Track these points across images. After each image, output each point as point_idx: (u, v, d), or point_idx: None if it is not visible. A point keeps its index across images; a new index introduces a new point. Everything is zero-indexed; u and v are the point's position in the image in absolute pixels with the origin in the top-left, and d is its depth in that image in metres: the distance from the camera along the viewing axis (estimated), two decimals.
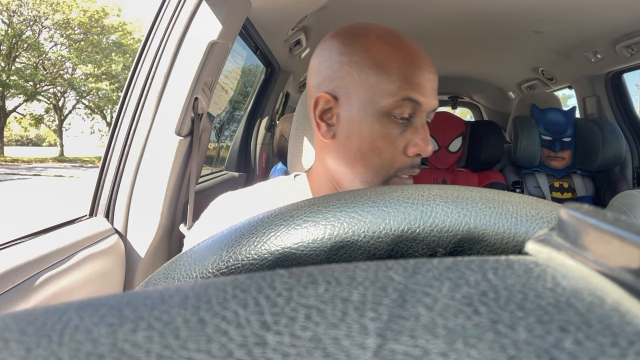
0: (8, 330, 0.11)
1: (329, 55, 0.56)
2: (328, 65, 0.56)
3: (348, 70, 0.54)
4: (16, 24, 17.10)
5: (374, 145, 0.54)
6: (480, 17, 1.62)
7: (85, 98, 20.40)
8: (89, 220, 0.92)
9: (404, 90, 0.52)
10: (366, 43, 0.54)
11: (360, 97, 0.54)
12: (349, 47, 0.55)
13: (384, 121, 0.53)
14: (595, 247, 0.13)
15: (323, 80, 0.56)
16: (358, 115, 0.54)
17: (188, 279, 0.24)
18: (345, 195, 0.26)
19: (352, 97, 0.54)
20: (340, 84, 0.55)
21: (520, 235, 0.23)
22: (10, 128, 27.77)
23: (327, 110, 0.56)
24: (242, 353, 0.10)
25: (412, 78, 0.53)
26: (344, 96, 0.55)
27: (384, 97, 0.53)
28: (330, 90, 0.55)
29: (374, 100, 0.53)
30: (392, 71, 0.53)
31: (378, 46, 0.54)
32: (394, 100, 0.52)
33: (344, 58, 0.54)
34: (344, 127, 0.55)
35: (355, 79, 0.54)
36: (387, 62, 0.53)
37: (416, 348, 0.10)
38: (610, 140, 1.62)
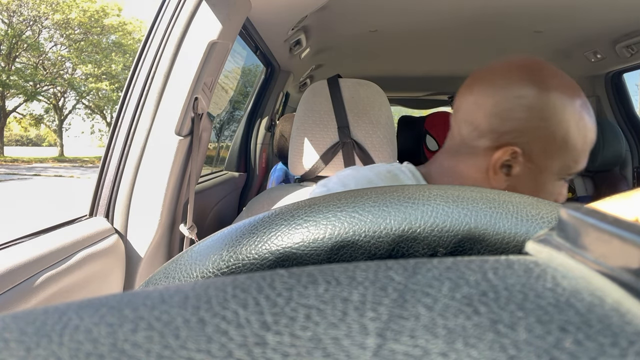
0: (8, 330, 0.11)
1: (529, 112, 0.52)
2: (524, 118, 0.52)
3: (551, 136, 0.52)
4: (16, 24, 17.10)
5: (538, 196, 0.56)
6: (480, 17, 1.62)
7: (85, 98, 20.41)
8: (88, 220, 0.92)
9: (584, 163, 0.55)
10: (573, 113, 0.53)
11: (550, 160, 0.54)
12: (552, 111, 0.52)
13: (558, 182, 0.56)
14: (595, 247, 0.13)
15: (511, 132, 0.53)
16: (542, 178, 0.54)
17: (188, 279, 0.24)
18: (346, 195, 0.26)
19: (541, 157, 0.53)
20: (534, 143, 0.53)
21: (520, 235, 0.23)
22: (10, 128, 27.77)
23: (508, 161, 0.54)
24: (242, 353, 0.10)
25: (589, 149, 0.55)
26: (531, 155, 0.53)
27: (571, 167, 0.54)
28: (519, 143, 0.53)
29: (563, 166, 0.54)
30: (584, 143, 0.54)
31: (582, 121, 0.53)
32: (576, 170, 0.55)
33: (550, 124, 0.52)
34: (522, 181, 0.54)
35: (552, 144, 0.53)
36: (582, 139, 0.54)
37: (416, 348, 0.10)
38: (610, 140, 1.63)
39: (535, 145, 0.53)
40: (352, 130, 1.02)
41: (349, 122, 1.02)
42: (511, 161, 0.54)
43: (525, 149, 0.53)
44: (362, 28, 1.75)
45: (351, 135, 1.02)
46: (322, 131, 1.04)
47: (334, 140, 1.03)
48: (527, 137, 0.53)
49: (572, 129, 0.53)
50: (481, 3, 1.48)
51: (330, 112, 1.03)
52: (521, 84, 0.53)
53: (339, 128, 1.02)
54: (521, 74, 0.54)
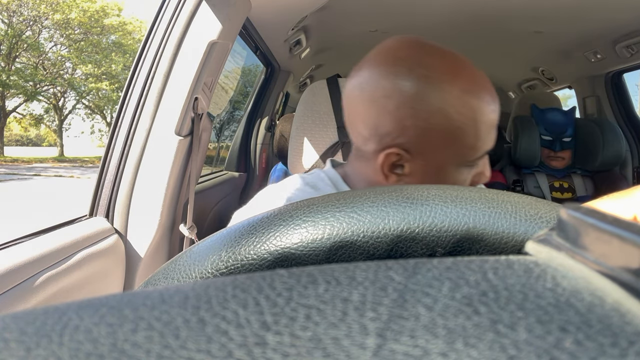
0: (8, 330, 0.11)
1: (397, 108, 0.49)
2: (393, 119, 0.49)
3: (424, 128, 0.49)
4: (16, 24, 17.10)
5: None
6: (480, 17, 1.62)
7: (85, 98, 20.41)
8: (89, 220, 0.92)
9: (486, 145, 0.52)
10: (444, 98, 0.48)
11: (441, 151, 0.50)
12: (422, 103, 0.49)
13: (461, 170, 0.53)
14: (595, 247, 0.13)
15: (391, 132, 0.50)
16: (437, 169, 0.52)
17: (187, 280, 0.24)
18: (344, 196, 0.26)
19: (429, 154, 0.51)
20: (415, 139, 0.50)
21: (519, 235, 0.23)
22: (10, 128, 27.78)
23: (397, 162, 0.52)
24: (242, 353, 0.10)
25: (490, 130, 0.51)
26: (418, 150, 0.51)
27: (468, 154, 0.51)
28: (400, 144, 0.50)
29: (458, 154, 0.51)
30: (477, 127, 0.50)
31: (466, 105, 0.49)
32: (477, 156, 0.52)
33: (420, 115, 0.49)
34: (419, 178, 0.52)
35: (434, 139, 0.49)
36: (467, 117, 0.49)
37: (416, 348, 0.10)
38: (610, 140, 1.63)
39: (417, 141, 0.50)
40: None
41: None
42: (400, 160, 0.51)
43: (408, 146, 0.50)
44: (362, 28, 1.75)
45: None
46: (321, 131, 1.04)
47: (333, 140, 1.03)
48: (406, 135, 0.50)
49: (453, 117, 0.48)
50: (481, 3, 1.48)
51: (329, 112, 1.03)
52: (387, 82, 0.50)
53: (339, 128, 1.02)
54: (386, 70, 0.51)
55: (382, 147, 0.51)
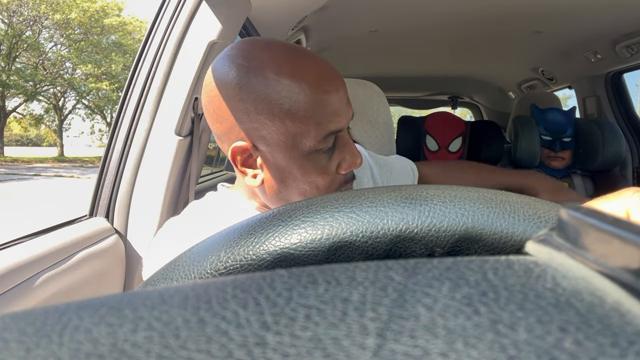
0: (8, 330, 0.11)
1: (228, 100, 0.50)
2: (232, 111, 0.50)
3: (257, 118, 0.49)
4: (16, 24, 17.11)
5: (309, 180, 0.52)
6: (480, 17, 1.62)
7: (85, 98, 20.42)
8: (89, 220, 0.92)
9: (323, 128, 0.50)
10: (267, 83, 0.48)
11: (281, 142, 0.50)
12: (248, 91, 0.49)
13: (312, 157, 0.51)
14: (595, 247, 0.13)
15: (232, 128, 0.51)
16: (284, 159, 0.51)
17: (187, 280, 0.24)
18: (343, 196, 0.26)
19: (270, 142, 0.50)
20: (252, 132, 0.50)
21: (518, 234, 0.23)
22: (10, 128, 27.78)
23: (247, 157, 0.53)
24: (242, 353, 0.10)
25: (325, 110, 0.50)
26: (261, 142, 0.51)
27: (303, 140, 0.50)
28: (242, 138, 0.51)
29: (295, 143, 0.50)
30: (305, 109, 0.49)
31: (280, 85, 0.48)
32: (316, 140, 0.50)
33: (249, 106, 0.49)
34: (272, 170, 0.52)
35: (268, 125, 0.50)
36: (296, 102, 0.49)
37: (416, 348, 0.10)
38: (610, 140, 1.63)
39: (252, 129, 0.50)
40: (351, 130, 1.02)
41: None
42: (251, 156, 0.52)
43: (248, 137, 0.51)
44: (362, 28, 1.75)
45: (350, 135, 1.02)
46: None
47: None
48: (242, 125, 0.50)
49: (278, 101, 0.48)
50: (481, 3, 1.48)
51: None
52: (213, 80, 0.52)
53: None
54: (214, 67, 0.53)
55: (231, 144, 0.52)
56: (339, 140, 0.54)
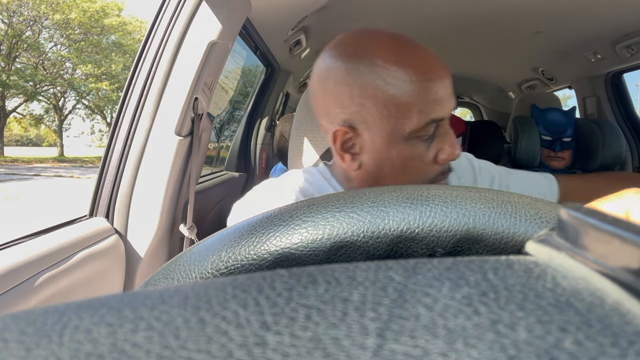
0: (8, 330, 0.11)
1: (335, 86, 0.53)
2: (336, 97, 0.53)
3: (361, 102, 0.51)
4: (16, 24, 17.11)
5: (406, 166, 0.53)
6: (480, 17, 1.62)
7: (85, 98, 20.41)
8: (89, 220, 0.92)
9: (426, 115, 0.51)
10: (374, 67, 0.51)
11: (382, 126, 0.52)
12: (355, 74, 0.51)
13: (412, 143, 0.52)
14: (595, 247, 0.13)
15: (335, 113, 0.54)
16: (383, 143, 0.52)
17: (187, 280, 0.24)
18: (344, 196, 0.26)
19: (372, 127, 0.52)
20: (355, 116, 0.52)
21: (519, 235, 0.23)
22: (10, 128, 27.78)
23: (348, 140, 0.54)
24: (242, 353, 0.10)
25: (431, 97, 0.51)
26: (362, 126, 0.53)
27: (407, 124, 0.51)
28: (344, 122, 0.53)
29: (397, 127, 0.51)
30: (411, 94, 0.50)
31: (388, 69, 0.50)
32: (418, 125, 0.51)
33: (354, 90, 0.51)
34: (371, 155, 0.54)
35: (371, 109, 0.51)
36: (403, 86, 0.50)
37: (416, 348, 0.10)
38: (610, 140, 1.63)
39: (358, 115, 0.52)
40: None
41: None
42: (351, 139, 0.54)
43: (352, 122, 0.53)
44: None
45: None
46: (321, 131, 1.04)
47: None
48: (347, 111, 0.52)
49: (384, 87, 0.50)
50: (481, 4, 1.48)
51: None
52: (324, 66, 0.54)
53: None
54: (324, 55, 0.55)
55: (333, 128, 0.54)
56: (439, 129, 0.54)
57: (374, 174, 0.55)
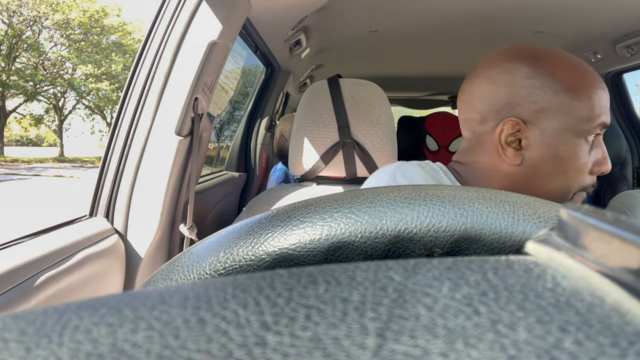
0: (8, 330, 0.11)
1: (512, 79, 0.55)
2: (513, 90, 0.55)
3: (539, 94, 0.54)
4: (16, 24, 17.10)
5: (569, 166, 0.54)
6: (480, 17, 1.62)
7: (85, 98, 20.41)
8: (89, 220, 0.92)
9: (600, 117, 0.54)
10: (556, 67, 0.54)
11: (557, 121, 0.53)
12: (538, 70, 0.54)
13: (580, 144, 0.54)
14: (595, 247, 0.13)
15: (506, 105, 0.55)
16: (554, 139, 0.54)
17: (186, 280, 0.24)
18: (342, 196, 0.26)
19: (545, 121, 0.54)
20: (529, 108, 0.54)
21: (517, 234, 0.23)
22: (10, 128, 27.77)
23: (512, 135, 0.55)
24: (242, 353, 0.10)
25: (602, 102, 0.54)
26: (534, 120, 0.54)
27: (582, 122, 0.53)
28: (517, 114, 0.55)
29: (572, 124, 0.53)
30: (587, 96, 0.54)
31: (568, 71, 0.54)
32: (592, 125, 0.53)
33: (535, 82, 0.54)
34: (537, 150, 0.55)
35: (549, 103, 0.53)
36: (580, 86, 0.54)
37: (416, 348, 0.10)
38: (610, 140, 1.63)
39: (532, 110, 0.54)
40: (352, 130, 1.02)
41: (349, 122, 1.02)
42: (518, 134, 0.55)
43: (524, 116, 0.54)
44: (362, 28, 1.75)
45: (351, 135, 1.02)
46: (322, 131, 1.04)
47: (334, 140, 1.03)
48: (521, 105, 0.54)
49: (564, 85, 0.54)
50: (481, 3, 1.48)
51: (330, 112, 1.03)
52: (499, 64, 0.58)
53: (339, 128, 1.02)
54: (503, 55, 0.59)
55: (499, 121, 0.56)
56: (598, 138, 0.56)
57: (533, 171, 0.55)
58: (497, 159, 0.57)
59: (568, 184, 0.55)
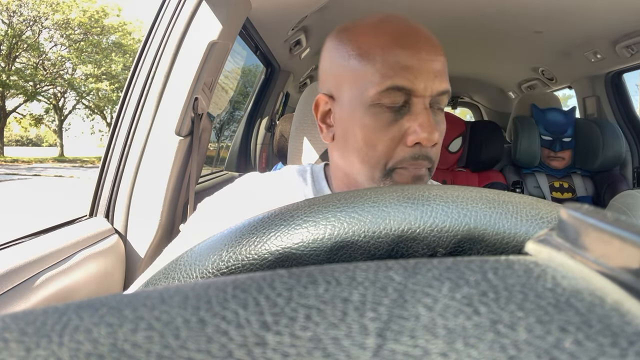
0: (8, 330, 0.11)
1: (325, 54, 0.54)
2: (324, 65, 0.54)
3: (338, 65, 0.51)
4: (16, 24, 17.11)
5: (367, 138, 0.49)
6: (480, 17, 1.62)
7: (85, 98, 20.42)
8: (89, 220, 0.92)
9: (389, 79, 0.47)
10: (353, 33, 0.51)
11: (349, 92, 0.50)
12: (338, 41, 0.52)
13: (374, 112, 0.49)
14: (595, 247, 0.13)
15: (322, 82, 0.55)
16: (349, 111, 0.51)
17: (188, 279, 0.24)
18: (345, 195, 0.26)
19: (343, 93, 0.51)
20: (332, 82, 0.52)
21: (520, 235, 0.23)
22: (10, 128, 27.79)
23: (327, 112, 0.54)
24: (242, 353, 0.10)
25: (398, 63, 0.47)
26: (337, 94, 0.52)
27: (368, 88, 0.48)
28: (326, 90, 0.54)
29: (361, 92, 0.49)
30: (376, 58, 0.48)
31: (363, 34, 0.50)
32: (378, 91, 0.47)
33: (334, 54, 0.52)
34: (340, 125, 0.53)
35: (343, 73, 0.51)
36: (371, 48, 0.48)
37: (416, 348, 0.10)
38: (610, 140, 1.62)
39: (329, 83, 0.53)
40: None
41: None
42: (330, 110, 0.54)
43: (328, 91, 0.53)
44: None
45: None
46: None
47: None
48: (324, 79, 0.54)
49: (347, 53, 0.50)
50: (481, 4, 1.48)
51: None
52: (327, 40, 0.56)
53: None
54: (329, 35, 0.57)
55: None
56: (412, 107, 0.49)
57: (343, 147, 0.53)
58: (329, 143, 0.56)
59: (373, 158, 0.50)
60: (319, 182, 0.58)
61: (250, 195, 0.55)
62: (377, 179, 0.52)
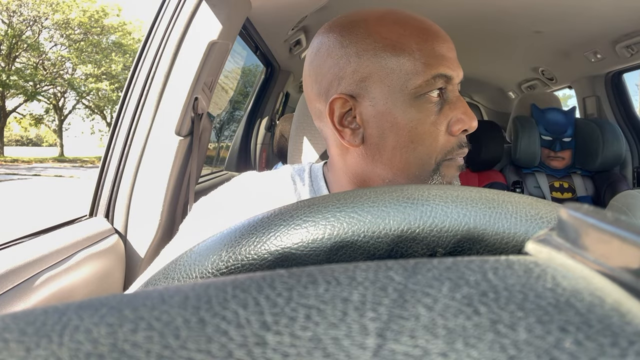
0: (8, 330, 0.11)
1: (329, 52, 0.49)
2: (332, 64, 0.49)
3: (358, 61, 0.47)
4: (16, 24, 17.10)
5: (415, 133, 0.47)
6: (480, 17, 1.62)
7: (85, 98, 20.41)
8: (89, 220, 0.92)
9: (433, 67, 0.46)
10: (369, 27, 0.47)
11: (383, 86, 0.47)
12: (350, 36, 0.48)
13: (419, 104, 0.47)
14: (595, 247, 0.13)
15: (331, 83, 0.49)
16: (386, 107, 0.47)
17: (188, 280, 0.24)
18: (344, 195, 0.26)
19: (372, 89, 0.47)
20: (353, 79, 0.48)
21: (520, 235, 0.23)
22: (10, 128, 27.78)
23: (346, 114, 0.49)
24: (242, 353, 0.10)
25: (435, 51, 0.46)
26: (362, 92, 0.48)
27: (411, 79, 0.46)
28: (343, 90, 0.48)
29: (400, 85, 0.46)
30: (412, 48, 0.46)
31: (384, 26, 0.47)
32: (424, 79, 0.46)
33: (350, 50, 0.47)
34: (373, 125, 0.48)
35: (370, 68, 0.47)
36: (402, 39, 0.46)
37: (416, 348, 0.10)
38: (610, 140, 1.62)
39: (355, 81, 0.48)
40: None
41: None
42: (350, 110, 0.49)
43: (351, 91, 0.48)
44: None
45: None
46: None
47: None
48: (345, 79, 0.48)
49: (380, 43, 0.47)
50: (481, 4, 1.48)
51: None
52: (317, 39, 0.51)
53: None
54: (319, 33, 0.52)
55: (328, 101, 0.49)
56: (450, 94, 0.48)
57: (378, 148, 0.49)
58: (343, 147, 0.51)
59: (422, 153, 0.48)
60: (317, 181, 0.56)
61: (245, 193, 0.54)
62: (425, 176, 0.49)
